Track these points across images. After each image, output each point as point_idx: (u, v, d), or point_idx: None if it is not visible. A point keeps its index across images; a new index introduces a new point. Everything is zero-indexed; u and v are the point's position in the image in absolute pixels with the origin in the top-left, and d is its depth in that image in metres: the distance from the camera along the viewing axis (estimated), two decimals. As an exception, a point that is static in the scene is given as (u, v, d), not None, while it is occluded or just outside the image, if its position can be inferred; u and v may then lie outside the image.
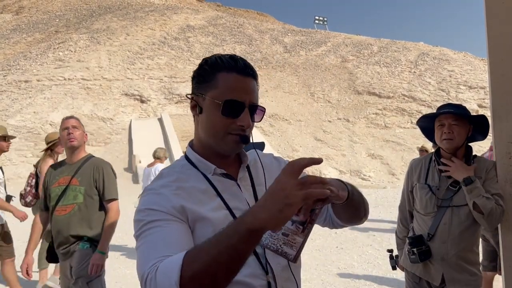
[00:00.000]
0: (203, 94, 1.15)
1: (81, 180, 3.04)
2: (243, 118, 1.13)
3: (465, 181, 2.22)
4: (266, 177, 1.25)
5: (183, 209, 1.07)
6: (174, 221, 1.04)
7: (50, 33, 37.03)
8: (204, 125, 1.16)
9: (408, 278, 2.51)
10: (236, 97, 1.12)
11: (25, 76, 25.62)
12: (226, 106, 1.11)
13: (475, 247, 2.36)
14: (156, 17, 36.79)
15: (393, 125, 24.75)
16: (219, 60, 1.16)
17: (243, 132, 1.14)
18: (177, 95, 25.44)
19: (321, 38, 35.81)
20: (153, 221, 1.03)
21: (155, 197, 1.09)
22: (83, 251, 3.00)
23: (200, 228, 1.07)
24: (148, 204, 1.08)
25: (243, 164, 1.23)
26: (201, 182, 1.15)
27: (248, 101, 1.14)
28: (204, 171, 1.17)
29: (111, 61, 27.67)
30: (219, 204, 1.12)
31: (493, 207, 2.13)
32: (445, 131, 2.30)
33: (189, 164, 1.20)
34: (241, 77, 1.14)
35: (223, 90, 1.12)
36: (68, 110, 22.84)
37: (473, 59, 31.20)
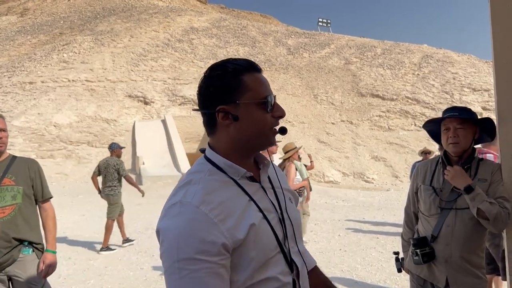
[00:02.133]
0: (236, 101, 1.15)
1: (16, 179, 2.78)
2: (277, 109, 1.20)
3: (466, 190, 2.21)
4: (280, 180, 1.30)
5: (230, 233, 1.05)
6: (219, 258, 1.02)
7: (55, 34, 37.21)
8: (244, 129, 1.16)
9: (413, 281, 2.51)
10: (268, 92, 1.19)
11: (30, 77, 25.74)
12: (268, 102, 1.17)
13: (479, 251, 2.35)
14: (160, 19, 36.91)
15: (396, 127, 24.70)
16: (237, 65, 1.18)
17: (278, 123, 1.20)
18: (181, 97, 25.48)
19: (325, 40, 35.81)
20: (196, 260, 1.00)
21: (198, 219, 1.04)
22: (29, 256, 2.77)
23: (246, 241, 1.07)
24: (195, 230, 1.02)
25: (265, 167, 1.26)
26: (232, 188, 1.14)
27: (273, 94, 1.21)
28: (232, 175, 1.16)
29: (115, 62, 27.77)
30: (254, 208, 1.13)
31: (498, 211, 2.12)
32: (450, 135, 2.30)
33: (215, 168, 1.17)
34: (258, 73, 1.21)
35: (256, 89, 1.17)
36: (72, 111, 22.93)
37: (477, 61, 31.10)
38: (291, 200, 1.31)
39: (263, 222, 1.12)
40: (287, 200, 1.27)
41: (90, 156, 20.43)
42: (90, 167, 19.13)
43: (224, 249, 1.03)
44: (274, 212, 1.18)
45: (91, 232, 8.51)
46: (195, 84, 26.65)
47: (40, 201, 2.93)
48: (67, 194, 14.33)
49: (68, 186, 16.67)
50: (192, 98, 25.44)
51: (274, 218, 1.17)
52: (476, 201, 2.17)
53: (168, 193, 5.48)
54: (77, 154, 20.41)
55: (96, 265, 6.42)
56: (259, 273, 1.08)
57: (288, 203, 1.27)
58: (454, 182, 2.29)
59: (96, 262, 6.61)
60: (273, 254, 1.12)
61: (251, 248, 1.07)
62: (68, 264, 6.47)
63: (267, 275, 1.10)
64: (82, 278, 5.80)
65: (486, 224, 2.19)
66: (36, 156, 19.89)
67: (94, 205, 11.89)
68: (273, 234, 1.13)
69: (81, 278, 5.80)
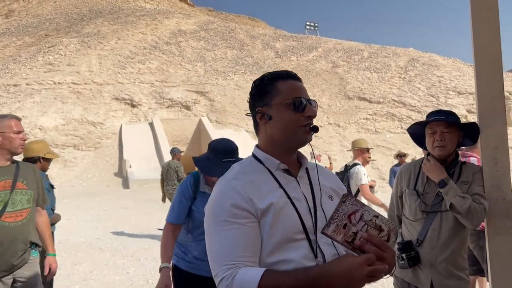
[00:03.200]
0: (269, 103, 1.37)
1: (27, 183, 2.79)
2: (308, 110, 1.36)
3: (440, 184, 2.27)
4: (321, 179, 1.43)
5: (252, 202, 1.27)
6: (246, 220, 1.25)
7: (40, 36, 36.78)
8: (277, 127, 1.37)
9: (397, 284, 2.52)
10: (299, 94, 1.36)
11: (14, 80, 25.39)
12: (295, 102, 1.34)
13: (463, 252, 2.38)
14: (147, 21, 36.74)
15: (383, 130, 24.92)
16: (273, 74, 1.41)
17: (311, 121, 1.36)
18: (168, 100, 25.37)
19: (312, 44, 36.00)
20: (227, 221, 1.26)
21: (227, 189, 1.31)
22: (36, 259, 2.82)
23: (266, 217, 1.27)
24: (223, 197, 1.30)
25: (303, 165, 1.43)
26: (266, 175, 1.35)
27: (306, 97, 1.37)
28: (269, 166, 1.37)
29: (101, 65, 27.54)
30: (281, 194, 1.31)
31: (471, 205, 2.16)
32: (437, 139, 2.32)
33: (256, 160, 1.41)
34: (294, 81, 1.40)
35: (286, 93, 1.36)
36: (58, 114, 22.67)
37: (462, 65, 31.56)
38: (332, 197, 1.42)
39: (287, 206, 1.29)
40: (325, 196, 1.40)
41: (76, 160, 20.22)
42: (76, 171, 18.94)
43: (249, 213, 1.25)
44: (304, 202, 1.33)
45: (77, 237, 8.41)
46: (182, 87, 26.56)
47: (40, 205, 2.98)
48: (52, 198, 14.13)
49: (53, 190, 16.45)
50: (179, 101, 25.34)
51: (303, 207, 1.32)
52: (449, 196, 2.22)
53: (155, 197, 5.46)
54: (63, 157, 20.17)
55: (81, 270, 6.34)
56: (280, 252, 1.25)
57: (326, 199, 1.39)
58: (430, 175, 2.34)
59: (81, 266, 6.53)
60: (297, 238, 1.27)
61: (273, 225, 1.25)
62: (53, 269, 6.38)
63: (288, 257, 1.24)
64: (66, 283, 5.72)
65: (460, 218, 2.22)
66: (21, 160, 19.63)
67: (80, 209, 11.75)
68: (298, 219, 1.29)
69: (65, 283, 5.72)
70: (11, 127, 2.69)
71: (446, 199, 2.25)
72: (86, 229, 8.97)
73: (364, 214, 1.20)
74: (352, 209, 1.19)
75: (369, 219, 1.20)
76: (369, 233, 1.19)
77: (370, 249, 1.15)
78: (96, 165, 19.73)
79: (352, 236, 1.18)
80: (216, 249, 1.25)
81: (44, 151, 4.30)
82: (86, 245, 7.73)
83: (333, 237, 1.18)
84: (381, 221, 1.20)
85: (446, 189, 2.24)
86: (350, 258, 1.14)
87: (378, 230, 1.20)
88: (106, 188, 17.04)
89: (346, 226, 1.18)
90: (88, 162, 20.35)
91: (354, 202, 1.20)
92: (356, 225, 1.18)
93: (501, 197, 2.26)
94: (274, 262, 1.25)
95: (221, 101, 25.92)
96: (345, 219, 1.18)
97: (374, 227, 1.20)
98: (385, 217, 1.22)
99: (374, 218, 1.20)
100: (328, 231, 1.18)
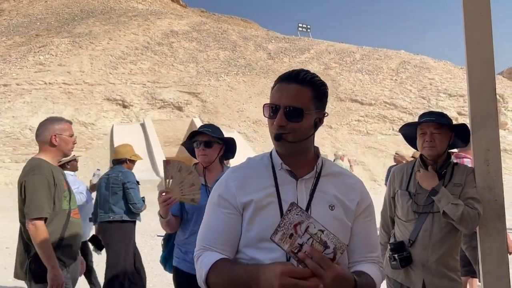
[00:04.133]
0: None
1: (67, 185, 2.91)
2: (277, 118, 1.32)
3: (431, 193, 2.27)
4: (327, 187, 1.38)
5: (235, 196, 1.35)
6: (228, 210, 1.35)
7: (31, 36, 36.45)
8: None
9: (390, 285, 2.53)
10: (273, 100, 1.35)
11: (4, 80, 25.13)
12: (265, 109, 1.37)
13: (455, 253, 2.39)
14: (139, 22, 36.58)
15: (375, 131, 25.03)
16: (281, 75, 1.40)
17: (280, 130, 1.32)
18: (160, 100, 25.27)
19: (305, 46, 36.08)
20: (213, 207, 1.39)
21: (224, 180, 1.41)
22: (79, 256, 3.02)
23: (246, 212, 1.33)
24: (218, 185, 1.42)
25: (315, 170, 1.40)
26: (268, 172, 1.39)
27: (283, 104, 1.32)
28: (275, 164, 1.40)
29: (93, 65, 27.35)
30: (271, 193, 1.33)
31: (464, 212, 2.16)
32: (427, 139, 2.34)
33: (268, 156, 1.45)
34: (284, 84, 1.35)
35: (271, 97, 1.38)
36: (49, 114, 22.45)
37: (452, 67, 31.82)
38: (333, 207, 1.35)
39: (271, 206, 1.31)
40: (325, 205, 1.34)
41: (67, 160, 20.02)
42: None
43: (231, 205, 1.34)
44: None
45: (67, 238, 8.33)
46: (174, 88, 26.46)
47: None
48: (42, 199, 14.00)
49: (43, 191, 16.31)
50: (171, 101, 25.25)
51: None
52: (441, 203, 2.23)
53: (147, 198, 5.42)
54: (53, 158, 19.99)
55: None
56: (253, 249, 1.29)
57: (324, 208, 1.33)
58: (422, 184, 2.35)
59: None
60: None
61: (250, 221, 1.31)
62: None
63: (259, 257, 1.27)
64: (57, 285, 5.66)
65: (455, 224, 2.24)
66: (11, 160, 19.41)
67: (70, 210, 11.65)
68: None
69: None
70: (66, 130, 2.77)
71: (439, 206, 2.26)
72: (77, 231, 8.90)
73: (310, 226, 1.16)
74: (297, 219, 1.16)
75: (314, 232, 1.16)
76: (313, 247, 1.15)
77: (310, 264, 1.11)
78: (87, 166, 19.56)
79: (298, 248, 1.15)
80: (200, 229, 1.40)
81: (130, 154, 4.89)
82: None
83: (280, 245, 1.16)
84: (327, 237, 1.16)
85: (438, 197, 2.25)
86: (279, 266, 1.12)
87: (324, 246, 1.16)
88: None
89: (292, 236, 1.15)
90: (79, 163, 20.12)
91: (299, 213, 1.16)
92: (302, 236, 1.15)
93: (493, 198, 2.27)
94: (246, 258, 1.30)
95: (213, 102, 25.85)
96: (291, 228, 1.15)
97: (319, 242, 1.16)
98: (332, 234, 1.17)
99: (319, 232, 1.16)
100: (276, 238, 1.16)
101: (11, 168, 18.92)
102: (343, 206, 1.36)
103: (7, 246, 7.92)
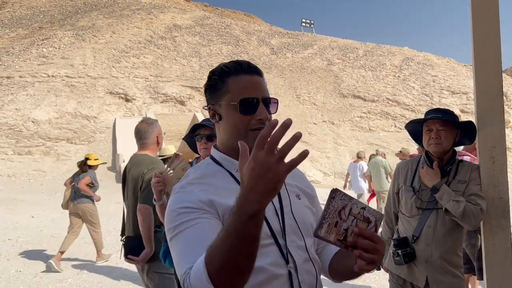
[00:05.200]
0: (218, 101, 1.25)
1: None
2: (260, 112, 1.21)
3: (432, 191, 2.28)
4: (292, 181, 1.33)
5: (212, 202, 1.14)
6: (204, 217, 1.12)
7: (34, 29, 36.43)
8: (226, 129, 1.25)
9: (392, 280, 2.53)
10: (249, 94, 1.21)
11: (7, 72, 25.14)
12: (242, 104, 1.20)
13: (458, 250, 2.39)
14: (142, 15, 36.49)
15: (377, 128, 24.99)
16: (225, 68, 1.26)
17: (262, 125, 1.20)
18: (163, 95, 25.26)
19: (308, 41, 35.98)
20: (185, 222, 1.11)
21: (183, 195, 1.17)
22: None
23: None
24: (177, 203, 1.16)
25: None
26: (226, 178, 1.23)
27: (260, 96, 1.23)
28: (229, 168, 1.25)
29: (96, 58, 27.34)
30: None
31: (466, 208, 2.16)
32: (432, 136, 2.34)
33: (213, 162, 1.28)
34: (248, 76, 1.24)
35: (236, 92, 1.22)
36: (51, 107, 22.49)
37: (456, 65, 31.71)
38: (299, 196, 1.32)
39: None
40: (293, 196, 1.29)
41: (70, 153, 20.07)
42: (69, 164, 18.81)
43: (208, 209, 1.13)
44: (270, 204, 1.20)
45: (69, 230, 8.36)
46: (177, 82, 26.45)
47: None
48: (44, 192, 14.07)
49: (46, 184, 16.35)
50: (174, 96, 25.24)
51: (269, 210, 1.19)
52: (443, 201, 2.23)
53: (149, 192, 5.37)
54: (56, 151, 20.02)
55: (74, 263, 6.31)
56: None
57: (294, 199, 1.29)
58: (424, 181, 2.36)
59: (74, 260, 6.50)
60: (264, 243, 1.13)
61: None
62: (45, 262, 6.35)
63: (256, 264, 1.04)
64: (59, 277, 5.69)
65: (457, 221, 2.24)
66: (13, 153, 19.45)
67: (72, 203, 11.68)
68: (265, 223, 1.15)
69: (58, 277, 5.69)
70: (161, 131, 3.29)
71: (441, 204, 2.26)
72: (79, 223, 8.93)
73: (353, 207, 1.12)
74: (341, 204, 1.11)
75: (357, 212, 1.12)
76: (359, 226, 1.11)
77: (364, 243, 1.06)
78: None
79: (344, 233, 1.10)
80: (176, 257, 1.11)
81: (173, 151, 5.60)
82: (79, 239, 7.67)
83: (326, 238, 1.09)
84: (369, 212, 1.14)
85: (440, 195, 2.25)
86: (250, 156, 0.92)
87: (367, 222, 1.13)
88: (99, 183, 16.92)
89: (337, 223, 1.10)
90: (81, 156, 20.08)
91: (343, 197, 1.11)
92: (346, 220, 1.11)
93: (498, 196, 2.27)
94: None
95: (215, 97, 25.86)
96: (336, 216, 1.10)
97: (363, 220, 1.13)
98: (371, 207, 1.16)
99: (361, 210, 1.13)
100: (321, 233, 1.08)
101: (14, 160, 18.97)
102: (305, 193, 1.36)
103: (10, 238, 7.96)
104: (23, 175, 17.79)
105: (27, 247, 7.36)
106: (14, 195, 13.58)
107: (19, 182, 16.90)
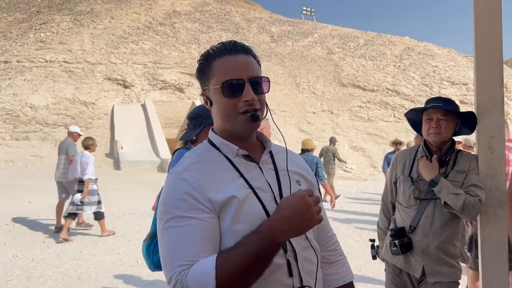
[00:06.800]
0: (207, 87, 1.21)
1: None
2: (246, 94, 1.16)
3: (431, 184, 2.26)
4: (288, 164, 1.29)
5: (208, 198, 1.11)
6: (201, 217, 1.09)
7: (32, 13, 36.07)
8: (217, 114, 1.22)
9: (389, 270, 2.53)
10: (232, 76, 1.16)
11: (5, 56, 24.96)
12: (225, 87, 1.15)
13: (455, 241, 2.40)
14: (141, 1, 36.13)
15: (376, 118, 24.96)
16: (210, 51, 1.22)
17: (251, 107, 1.16)
18: (162, 81, 25.14)
19: (308, 29, 35.73)
20: (180, 217, 1.09)
21: (181, 183, 1.13)
22: None
23: (226, 211, 1.12)
24: (175, 192, 1.13)
25: (267, 148, 1.28)
26: (224, 163, 1.19)
27: (246, 76, 1.17)
28: (226, 153, 1.21)
29: (94, 44, 27.13)
30: (242, 184, 1.16)
31: (465, 201, 2.16)
32: (432, 126, 2.31)
33: (211, 146, 1.24)
34: (233, 56, 1.19)
35: (220, 75, 1.17)
36: (49, 93, 22.38)
37: (456, 55, 31.57)
38: (299, 183, 1.29)
39: (251, 198, 1.15)
40: (293, 182, 1.27)
41: (67, 139, 20.02)
42: (67, 150, 18.74)
43: (206, 207, 1.10)
44: (269, 192, 1.19)
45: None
46: (176, 69, 26.30)
47: None
48: (42, 178, 14.05)
49: (43, 169, 16.31)
50: (173, 82, 25.11)
51: (269, 197, 1.18)
52: (442, 194, 2.22)
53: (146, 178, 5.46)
54: (53, 136, 19.96)
55: (71, 249, 6.33)
56: None
57: (294, 185, 1.26)
58: (422, 174, 2.35)
59: (71, 246, 6.52)
60: None
61: (235, 220, 1.11)
62: (42, 248, 6.37)
63: None
64: (56, 262, 5.71)
65: (457, 214, 2.24)
66: (11, 138, 19.40)
67: (70, 188, 11.68)
68: (263, 211, 1.14)
69: (55, 262, 5.71)
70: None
71: (440, 197, 2.25)
72: (77, 209, 8.94)
73: None
74: None
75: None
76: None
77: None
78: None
79: None
80: (167, 251, 1.07)
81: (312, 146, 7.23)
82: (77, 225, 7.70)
83: None
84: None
85: (438, 188, 2.24)
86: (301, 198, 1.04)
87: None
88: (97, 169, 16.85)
89: None
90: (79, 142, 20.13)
91: None
92: None
93: (495, 186, 2.26)
94: None
95: (214, 85, 25.77)
96: None
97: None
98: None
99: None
100: None
101: (11, 145, 18.92)
102: (305, 179, 1.33)
103: (7, 223, 7.97)
104: (20, 161, 17.76)
105: (24, 232, 7.37)
106: (11, 180, 13.57)
107: (16, 168, 16.88)
